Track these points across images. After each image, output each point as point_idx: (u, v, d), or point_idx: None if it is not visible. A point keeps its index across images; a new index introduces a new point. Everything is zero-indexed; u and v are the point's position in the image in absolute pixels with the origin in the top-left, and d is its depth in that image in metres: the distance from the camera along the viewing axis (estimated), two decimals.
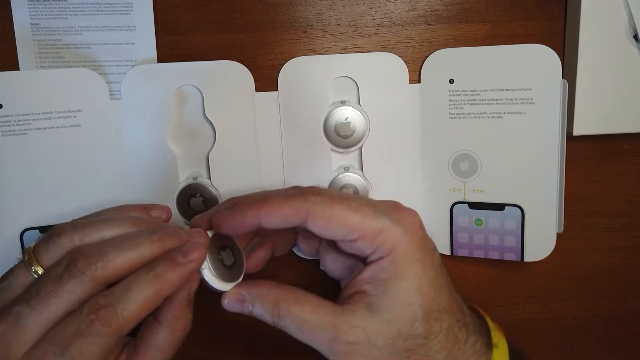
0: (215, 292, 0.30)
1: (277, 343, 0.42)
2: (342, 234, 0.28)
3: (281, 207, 0.28)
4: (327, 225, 0.28)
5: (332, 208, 0.28)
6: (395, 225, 0.28)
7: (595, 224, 0.41)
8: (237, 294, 0.29)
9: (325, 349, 0.28)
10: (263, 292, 0.29)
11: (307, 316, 0.28)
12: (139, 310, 0.26)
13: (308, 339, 0.28)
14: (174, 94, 0.37)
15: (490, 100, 0.38)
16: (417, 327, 0.28)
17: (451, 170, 0.39)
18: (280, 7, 0.38)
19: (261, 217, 0.28)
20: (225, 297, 0.30)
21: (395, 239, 0.28)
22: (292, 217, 0.28)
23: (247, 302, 0.29)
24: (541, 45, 0.36)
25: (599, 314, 0.43)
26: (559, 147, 0.37)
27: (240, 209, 0.28)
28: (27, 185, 0.36)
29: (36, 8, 0.36)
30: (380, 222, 0.28)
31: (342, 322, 0.28)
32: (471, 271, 0.42)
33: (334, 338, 0.27)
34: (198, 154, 0.38)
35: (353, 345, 0.27)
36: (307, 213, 0.28)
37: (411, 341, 0.28)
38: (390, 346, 0.28)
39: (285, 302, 0.28)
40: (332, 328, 0.27)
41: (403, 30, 0.39)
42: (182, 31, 0.38)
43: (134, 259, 0.27)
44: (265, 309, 0.29)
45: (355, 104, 0.38)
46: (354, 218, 0.28)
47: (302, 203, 0.28)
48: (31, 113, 0.36)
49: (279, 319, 0.28)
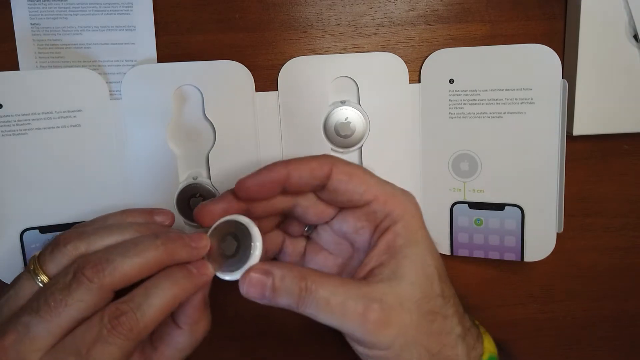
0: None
1: (277, 343, 0.42)
2: (359, 191, 0.29)
3: (308, 161, 0.30)
4: (348, 180, 0.29)
5: (354, 167, 0.30)
6: (402, 195, 0.31)
7: (595, 224, 0.41)
8: (261, 269, 0.27)
9: (357, 323, 0.27)
10: (287, 267, 0.28)
11: (335, 289, 0.27)
12: (157, 315, 0.27)
13: (338, 314, 0.27)
14: (174, 94, 0.37)
15: (490, 100, 0.38)
16: (436, 287, 0.29)
17: (451, 170, 0.39)
18: (280, 7, 0.38)
19: (290, 170, 0.29)
20: (246, 276, 0.28)
21: (406, 205, 0.30)
22: (319, 170, 0.29)
23: (270, 277, 0.27)
24: (541, 45, 0.36)
25: (599, 314, 0.43)
26: (559, 147, 0.37)
27: (267, 166, 0.29)
28: (27, 185, 0.36)
29: (36, 8, 0.36)
30: (392, 189, 0.30)
31: (371, 290, 0.27)
32: (471, 271, 0.42)
33: (367, 307, 0.27)
34: (198, 154, 0.38)
35: (386, 311, 0.27)
36: (332, 166, 0.29)
37: (433, 302, 0.29)
38: (417, 310, 0.28)
39: (311, 276, 0.27)
40: (363, 297, 0.27)
41: (403, 30, 0.39)
42: (182, 31, 0.38)
43: (140, 264, 0.27)
44: (292, 282, 0.27)
45: (355, 104, 0.38)
46: (371, 180, 0.30)
47: (327, 158, 0.30)
48: (31, 113, 0.36)
49: (307, 295, 0.27)
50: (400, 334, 0.27)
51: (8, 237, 0.37)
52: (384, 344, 0.27)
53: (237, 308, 0.42)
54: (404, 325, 0.27)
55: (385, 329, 0.27)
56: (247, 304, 0.42)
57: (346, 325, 0.27)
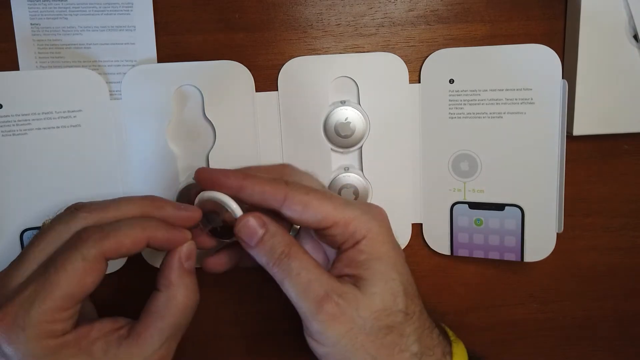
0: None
1: (277, 343, 0.42)
2: (317, 219, 0.29)
3: (263, 184, 0.30)
4: (302, 210, 0.29)
5: (309, 194, 0.29)
6: (366, 214, 0.30)
7: (595, 224, 0.41)
8: (259, 218, 0.29)
9: (312, 306, 0.28)
10: (281, 229, 0.30)
11: (309, 267, 0.29)
12: (123, 238, 0.28)
13: (301, 289, 0.28)
14: (174, 94, 0.37)
15: (490, 100, 0.38)
16: (399, 302, 0.29)
17: (451, 170, 0.39)
18: (280, 7, 0.38)
19: (243, 185, 0.29)
20: (247, 215, 0.30)
21: (366, 225, 0.30)
22: (271, 196, 0.29)
23: (263, 229, 0.29)
24: (541, 45, 0.36)
25: (599, 314, 0.43)
26: (559, 147, 0.37)
27: (227, 170, 0.30)
28: (27, 185, 0.36)
29: (36, 8, 0.36)
30: (352, 211, 0.30)
31: (337, 286, 0.29)
32: (471, 271, 0.42)
33: (327, 295, 0.28)
34: (198, 154, 0.38)
35: (341, 308, 0.28)
36: (286, 196, 0.29)
37: (392, 317, 0.29)
38: (373, 320, 0.28)
39: (295, 247, 0.30)
40: (327, 286, 0.28)
41: (403, 30, 0.39)
42: (182, 31, 0.38)
43: (130, 209, 0.30)
44: (279, 242, 0.29)
45: (355, 104, 0.38)
46: (328, 206, 0.29)
47: (283, 186, 0.30)
48: (31, 113, 0.36)
49: (285, 259, 0.29)
50: (349, 335, 0.28)
51: (8, 237, 0.37)
52: (330, 339, 0.28)
53: (237, 308, 0.42)
54: (354, 328, 0.28)
55: (334, 324, 0.28)
56: (248, 305, 0.42)
57: (303, 304, 0.28)
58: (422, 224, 0.41)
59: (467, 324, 0.43)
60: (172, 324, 0.29)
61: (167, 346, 0.29)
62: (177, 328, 0.29)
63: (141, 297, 0.38)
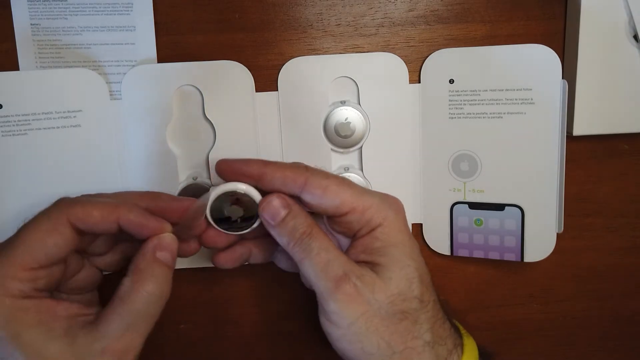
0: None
1: (277, 343, 0.42)
2: (335, 204, 0.30)
3: (284, 169, 0.30)
4: (322, 194, 0.30)
5: (329, 179, 0.30)
6: (383, 202, 0.31)
7: (595, 224, 0.41)
8: (283, 199, 0.30)
9: (330, 285, 0.28)
10: (304, 210, 0.31)
11: (329, 248, 0.30)
12: (91, 209, 0.29)
13: (320, 267, 0.29)
14: (174, 94, 0.37)
15: (490, 100, 0.38)
16: (414, 288, 0.30)
17: (451, 170, 0.39)
18: (280, 7, 0.38)
19: (265, 171, 0.30)
20: (271, 196, 0.30)
21: (383, 213, 0.30)
22: (292, 180, 0.30)
23: (286, 210, 0.30)
24: (541, 45, 0.36)
25: (599, 314, 0.43)
26: (559, 147, 0.37)
27: (247, 159, 0.31)
28: (27, 185, 0.36)
29: (36, 8, 0.36)
30: (370, 199, 0.31)
31: (356, 267, 0.29)
32: (471, 271, 0.42)
33: (345, 275, 0.29)
34: (198, 154, 0.38)
35: (359, 289, 0.28)
36: (306, 180, 0.30)
37: (407, 303, 0.29)
38: (388, 304, 0.29)
39: (317, 228, 0.30)
40: (346, 265, 0.29)
41: (403, 30, 0.39)
42: (182, 31, 0.38)
43: (124, 196, 0.31)
44: (301, 223, 0.30)
45: (355, 104, 0.38)
46: (346, 192, 0.30)
47: (303, 171, 0.30)
48: (31, 113, 0.36)
49: (305, 238, 0.30)
50: (364, 317, 0.28)
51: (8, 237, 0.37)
52: (345, 320, 0.28)
53: (237, 309, 0.42)
54: (370, 310, 0.28)
55: (351, 304, 0.28)
56: (247, 306, 0.42)
57: (321, 282, 0.29)
58: (422, 224, 0.41)
59: (467, 324, 0.42)
60: (133, 311, 0.28)
61: (130, 337, 0.28)
62: (139, 317, 0.28)
63: None
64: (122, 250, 0.34)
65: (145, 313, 0.28)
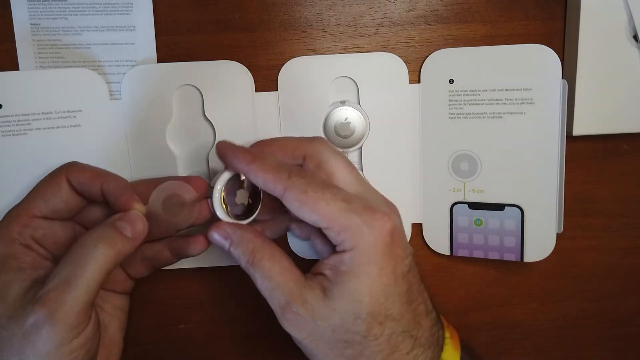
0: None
1: (277, 343, 0.42)
2: (312, 219, 0.29)
3: (267, 171, 0.30)
4: (298, 207, 0.29)
5: (307, 193, 0.29)
6: (363, 226, 0.29)
7: (595, 224, 0.41)
8: (223, 230, 0.31)
9: (277, 310, 0.30)
10: (246, 237, 0.31)
11: (274, 274, 0.30)
12: (85, 170, 0.32)
13: (267, 294, 0.30)
14: (174, 94, 0.37)
15: (490, 100, 0.38)
16: (359, 324, 0.29)
17: (451, 170, 0.39)
18: (280, 7, 0.38)
19: (249, 169, 0.30)
20: (212, 229, 0.32)
21: (357, 239, 0.29)
22: (272, 186, 0.30)
23: (228, 241, 0.31)
24: (541, 45, 0.36)
25: (598, 314, 0.43)
26: (559, 147, 0.37)
27: (238, 151, 0.31)
28: (27, 185, 0.36)
29: (36, 8, 0.36)
30: (348, 220, 0.29)
31: (298, 293, 0.30)
32: (471, 271, 0.42)
33: (287, 304, 0.29)
34: (198, 154, 0.38)
35: (300, 317, 0.29)
36: (285, 190, 0.30)
37: (350, 335, 0.29)
38: (330, 332, 0.29)
39: (261, 253, 0.30)
40: (289, 294, 0.29)
41: (403, 30, 0.39)
42: (182, 31, 0.38)
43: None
44: (242, 253, 0.31)
45: (355, 104, 0.38)
46: (324, 209, 0.29)
47: (284, 179, 0.30)
48: (31, 113, 0.36)
49: (251, 266, 0.30)
50: (309, 339, 0.29)
51: None
52: (295, 339, 0.30)
53: (236, 309, 0.42)
54: (314, 334, 0.29)
55: (295, 328, 0.29)
56: (247, 306, 0.42)
57: (271, 305, 0.30)
58: (422, 224, 0.41)
59: (467, 324, 0.43)
60: (69, 261, 0.28)
61: (63, 287, 0.27)
62: (77, 268, 0.28)
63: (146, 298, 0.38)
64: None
65: (83, 267, 0.28)
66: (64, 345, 0.27)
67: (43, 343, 0.27)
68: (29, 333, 0.27)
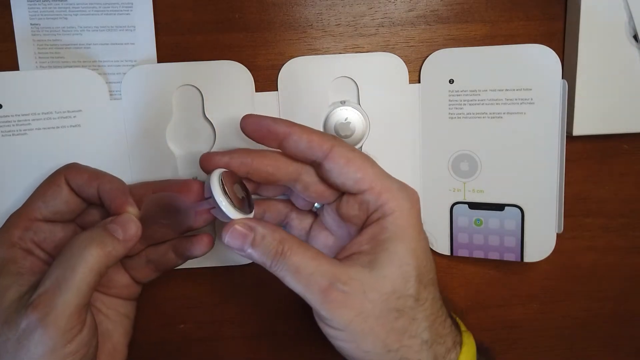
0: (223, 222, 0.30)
1: (277, 343, 0.42)
2: (355, 178, 0.29)
3: (311, 133, 0.30)
4: (345, 165, 0.29)
5: (354, 152, 0.30)
6: (401, 191, 0.30)
7: (595, 224, 0.41)
8: (245, 224, 0.29)
9: (318, 297, 0.28)
10: (269, 228, 0.29)
11: (307, 260, 0.28)
12: (83, 171, 0.32)
13: (303, 283, 0.28)
14: (174, 94, 0.37)
15: (490, 100, 0.38)
16: (410, 287, 0.29)
17: (451, 170, 0.39)
18: (280, 7, 0.38)
19: (291, 132, 0.30)
20: (230, 226, 0.29)
21: (399, 201, 0.30)
22: (317, 145, 0.29)
23: (250, 236, 0.28)
24: (541, 45, 0.36)
25: (598, 314, 0.43)
26: (558, 147, 0.37)
27: (275, 118, 0.30)
28: (27, 185, 0.36)
29: (36, 8, 0.36)
30: (389, 183, 0.30)
31: (340, 272, 0.28)
32: (471, 271, 0.42)
33: (330, 285, 0.28)
34: (198, 154, 0.38)
35: (348, 295, 0.28)
36: (332, 147, 0.29)
37: (402, 301, 0.29)
38: (382, 302, 0.28)
39: (289, 242, 0.29)
40: (330, 275, 0.28)
41: (403, 30, 0.39)
42: (182, 31, 0.38)
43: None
44: (269, 245, 0.28)
45: (355, 104, 0.38)
46: (369, 169, 0.30)
47: (330, 138, 0.30)
48: (31, 113, 0.36)
49: (281, 258, 0.28)
50: (358, 319, 0.28)
51: None
52: (340, 324, 0.28)
53: (238, 309, 0.42)
54: (363, 311, 0.28)
55: (341, 310, 0.28)
56: (248, 306, 0.42)
57: (308, 296, 0.28)
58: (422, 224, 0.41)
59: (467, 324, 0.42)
60: (60, 263, 0.28)
61: (54, 290, 0.27)
62: (67, 270, 0.27)
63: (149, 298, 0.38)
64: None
65: (73, 269, 0.27)
66: (57, 349, 0.27)
67: (36, 347, 0.26)
68: (22, 338, 0.27)
